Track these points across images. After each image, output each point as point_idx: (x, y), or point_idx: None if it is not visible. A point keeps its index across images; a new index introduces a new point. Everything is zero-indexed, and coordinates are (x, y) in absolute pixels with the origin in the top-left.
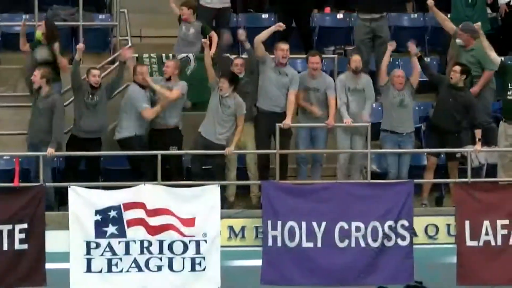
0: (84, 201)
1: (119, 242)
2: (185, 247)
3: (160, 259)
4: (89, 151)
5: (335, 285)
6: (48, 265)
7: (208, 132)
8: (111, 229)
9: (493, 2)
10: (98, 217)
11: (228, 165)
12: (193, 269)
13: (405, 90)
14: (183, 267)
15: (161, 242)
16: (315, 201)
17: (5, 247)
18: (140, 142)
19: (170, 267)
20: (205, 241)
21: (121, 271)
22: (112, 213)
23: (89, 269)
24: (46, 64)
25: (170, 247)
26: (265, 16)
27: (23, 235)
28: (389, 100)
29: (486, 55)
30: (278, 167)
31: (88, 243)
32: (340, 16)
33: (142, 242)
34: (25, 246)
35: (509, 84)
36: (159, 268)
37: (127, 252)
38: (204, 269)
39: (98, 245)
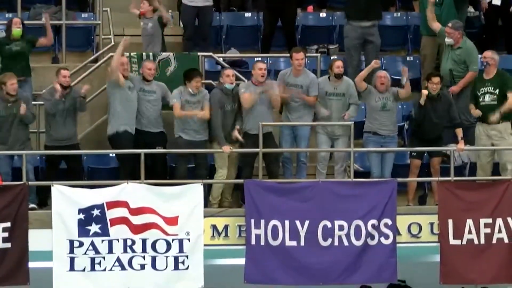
0: (67, 199)
1: (102, 241)
2: (168, 246)
3: (143, 257)
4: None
5: (318, 284)
6: (31, 264)
7: (188, 133)
8: (94, 227)
9: (474, 1)
10: (81, 216)
11: (218, 165)
12: (176, 267)
13: (388, 94)
14: (166, 266)
15: (144, 241)
16: (298, 200)
17: None
18: (128, 137)
19: (153, 265)
20: (188, 239)
21: (104, 269)
22: (95, 212)
23: (72, 268)
24: (21, 56)
25: (153, 245)
26: (248, 15)
27: (6, 234)
28: (371, 103)
29: (473, 57)
30: (261, 166)
31: (71, 242)
32: (323, 15)
33: (125, 240)
34: (8, 245)
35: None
36: (142, 266)
37: (110, 251)
38: (187, 268)
39: (81, 244)
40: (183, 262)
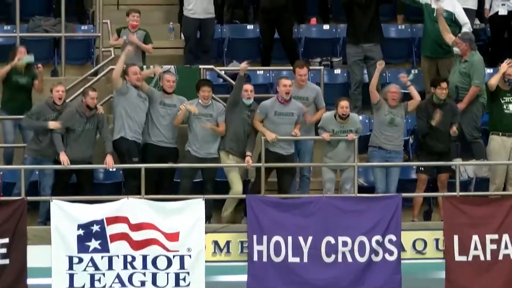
0: (67, 215)
1: (102, 257)
2: (169, 262)
3: (144, 274)
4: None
5: None
6: (30, 280)
7: (198, 150)
8: (94, 243)
9: (480, 13)
10: (81, 232)
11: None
12: (177, 284)
13: (398, 109)
14: (167, 283)
15: (144, 257)
16: (301, 216)
17: None
18: (126, 145)
19: (154, 282)
20: (190, 256)
21: (104, 286)
22: (95, 228)
23: (71, 285)
24: (25, 90)
25: (154, 262)
26: (250, 27)
27: (4, 250)
28: (380, 117)
29: (477, 71)
30: (263, 181)
31: (70, 258)
32: (326, 27)
33: (125, 257)
34: (6, 261)
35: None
36: (143, 283)
37: (110, 267)
38: (188, 285)
39: (80, 260)
40: (184, 279)
